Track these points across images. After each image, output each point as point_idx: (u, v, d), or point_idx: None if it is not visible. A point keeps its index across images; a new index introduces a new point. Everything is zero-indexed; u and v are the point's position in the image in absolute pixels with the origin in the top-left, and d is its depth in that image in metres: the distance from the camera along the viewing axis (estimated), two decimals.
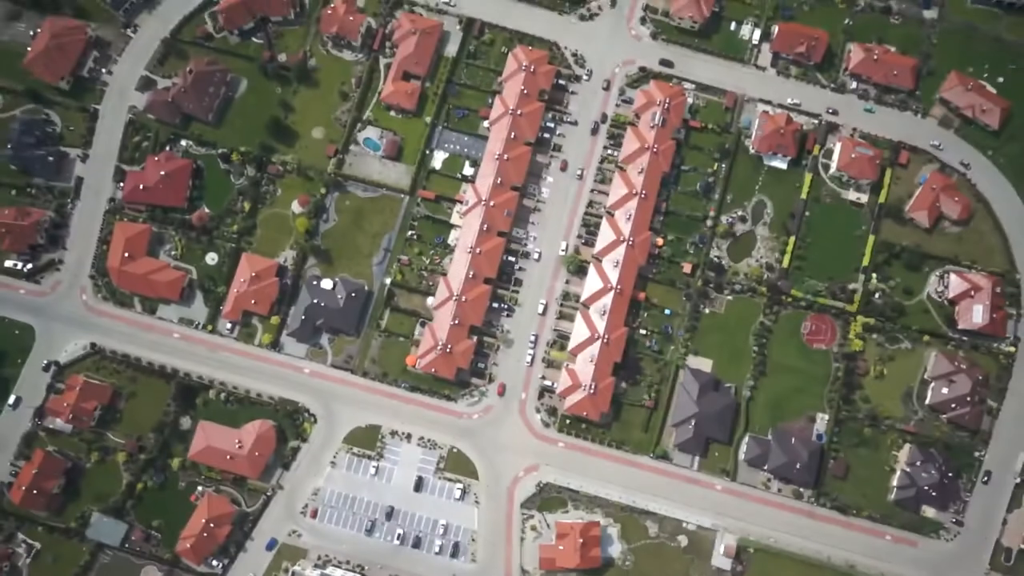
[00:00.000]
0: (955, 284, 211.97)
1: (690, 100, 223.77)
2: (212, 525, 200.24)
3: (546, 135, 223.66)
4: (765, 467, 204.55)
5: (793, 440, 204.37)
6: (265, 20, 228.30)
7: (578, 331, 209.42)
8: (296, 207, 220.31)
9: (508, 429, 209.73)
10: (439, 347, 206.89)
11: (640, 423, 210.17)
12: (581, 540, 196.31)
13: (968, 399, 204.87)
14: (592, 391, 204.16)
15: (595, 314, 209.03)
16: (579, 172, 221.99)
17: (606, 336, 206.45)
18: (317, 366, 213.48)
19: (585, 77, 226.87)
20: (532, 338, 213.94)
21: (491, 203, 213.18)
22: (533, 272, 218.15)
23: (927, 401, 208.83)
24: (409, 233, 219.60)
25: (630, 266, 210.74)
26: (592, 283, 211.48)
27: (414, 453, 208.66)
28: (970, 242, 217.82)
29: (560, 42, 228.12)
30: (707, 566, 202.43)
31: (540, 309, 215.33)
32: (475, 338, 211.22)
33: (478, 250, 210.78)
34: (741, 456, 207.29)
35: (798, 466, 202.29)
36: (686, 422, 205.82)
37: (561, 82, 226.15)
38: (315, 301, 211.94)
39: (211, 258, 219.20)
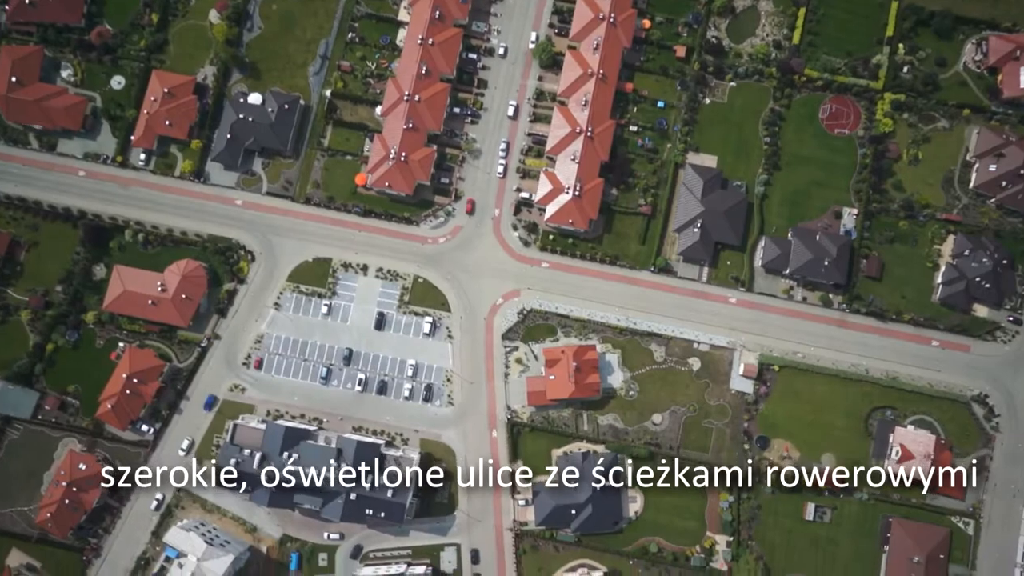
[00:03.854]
0: (996, 47, 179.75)
1: None
2: (136, 381, 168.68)
3: None
4: (786, 272, 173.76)
5: (818, 237, 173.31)
6: None
7: (556, 128, 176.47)
8: (214, 15, 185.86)
9: (481, 251, 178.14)
10: (392, 157, 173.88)
11: (636, 233, 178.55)
12: (575, 365, 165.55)
13: (1021, 174, 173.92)
14: (577, 193, 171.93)
15: (575, 106, 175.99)
16: None
17: (589, 129, 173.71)
18: (250, 195, 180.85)
19: None
20: (503, 146, 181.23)
21: None
22: (499, 70, 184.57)
23: (972, 184, 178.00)
24: (349, 36, 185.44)
25: (613, 48, 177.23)
26: (569, 73, 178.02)
27: (372, 287, 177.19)
28: (1009, 1, 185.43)
29: None
30: (724, 390, 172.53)
31: (510, 112, 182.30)
32: (435, 147, 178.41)
33: (430, 41, 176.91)
34: (757, 262, 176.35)
35: (826, 264, 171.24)
36: (690, 225, 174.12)
37: None
38: (241, 117, 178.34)
39: (117, 82, 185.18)
